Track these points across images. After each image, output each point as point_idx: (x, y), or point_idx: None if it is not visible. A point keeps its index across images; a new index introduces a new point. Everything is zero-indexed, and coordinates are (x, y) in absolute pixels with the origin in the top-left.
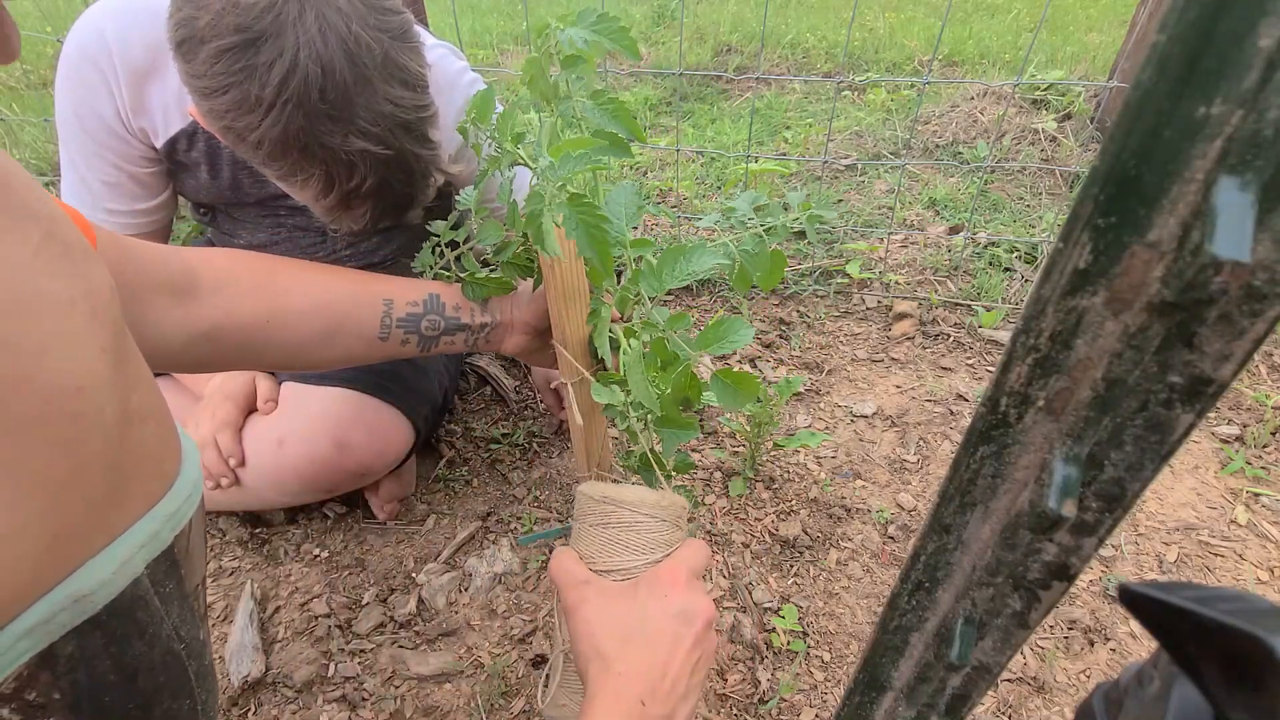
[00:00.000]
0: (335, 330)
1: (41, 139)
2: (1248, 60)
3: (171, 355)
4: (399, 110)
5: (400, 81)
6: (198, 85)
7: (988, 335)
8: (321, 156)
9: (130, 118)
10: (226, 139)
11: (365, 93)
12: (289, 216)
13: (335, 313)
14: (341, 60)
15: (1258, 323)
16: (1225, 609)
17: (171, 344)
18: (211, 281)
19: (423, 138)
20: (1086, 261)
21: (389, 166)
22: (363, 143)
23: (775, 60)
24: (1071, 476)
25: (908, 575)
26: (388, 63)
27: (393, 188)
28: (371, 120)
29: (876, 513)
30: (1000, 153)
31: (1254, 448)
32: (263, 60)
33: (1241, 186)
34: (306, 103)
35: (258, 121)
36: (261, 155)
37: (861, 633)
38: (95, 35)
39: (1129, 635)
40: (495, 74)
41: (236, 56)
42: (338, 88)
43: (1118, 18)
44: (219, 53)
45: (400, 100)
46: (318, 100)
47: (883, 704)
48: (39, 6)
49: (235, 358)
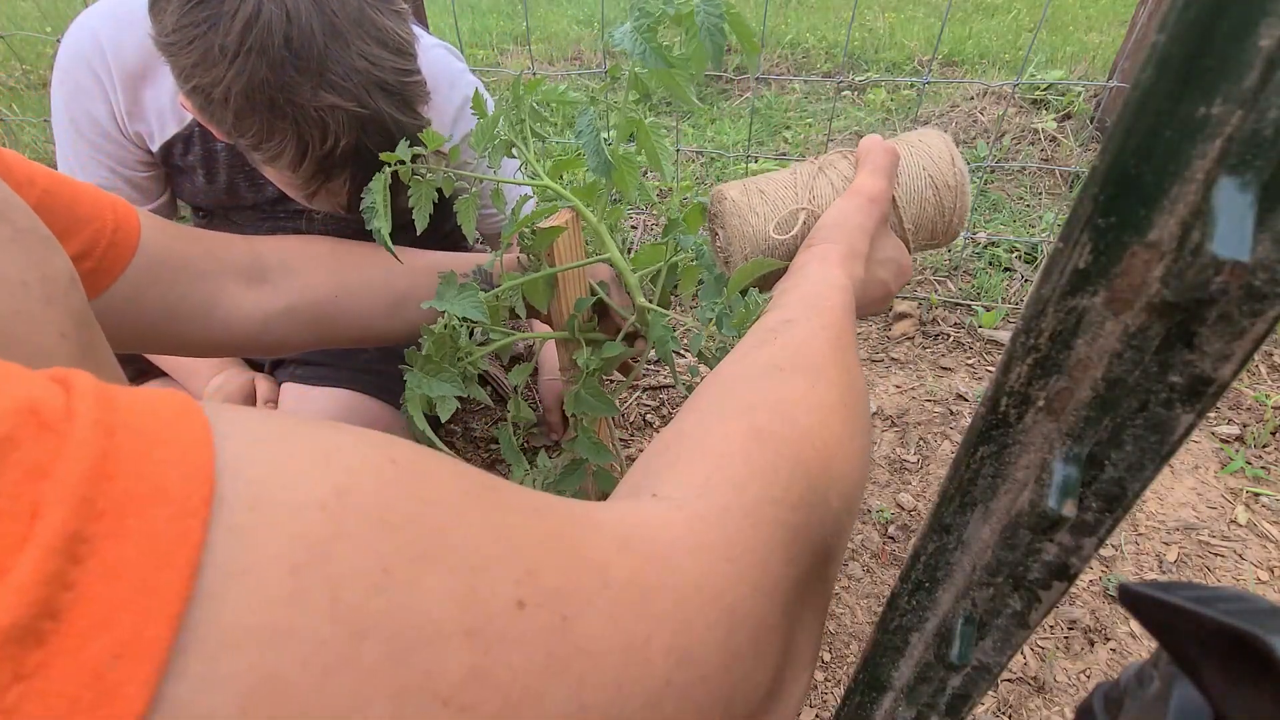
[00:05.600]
0: (400, 301)
1: (41, 139)
2: (1248, 60)
3: (251, 336)
4: (375, 69)
5: (377, 41)
6: (167, 45)
7: (988, 335)
8: (292, 114)
9: (126, 122)
10: (197, 104)
11: (336, 45)
12: (287, 220)
13: (398, 284)
14: (308, 8)
15: (1258, 323)
16: (1225, 609)
17: (250, 326)
18: (280, 264)
19: (404, 104)
20: (1086, 261)
21: (365, 128)
22: (333, 97)
23: (775, 60)
24: (1071, 476)
25: (908, 575)
26: (363, 19)
27: (372, 154)
28: (343, 75)
29: (876, 513)
30: (1000, 153)
31: (1254, 448)
32: (227, 8)
33: (1241, 186)
34: (270, 50)
35: (222, 74)
36: (230, 118)
37: (861, 633)
38: (90, 39)
39: (1129, 635)
40: (495, 74)
41: (202, 6)
42: (303, 35)
43: (1118, 18)
44: (185, 6)
45: (377, 59)
46: (282, 48)
47: (883, 704)
48: (39, 6)
49: (311, 335)
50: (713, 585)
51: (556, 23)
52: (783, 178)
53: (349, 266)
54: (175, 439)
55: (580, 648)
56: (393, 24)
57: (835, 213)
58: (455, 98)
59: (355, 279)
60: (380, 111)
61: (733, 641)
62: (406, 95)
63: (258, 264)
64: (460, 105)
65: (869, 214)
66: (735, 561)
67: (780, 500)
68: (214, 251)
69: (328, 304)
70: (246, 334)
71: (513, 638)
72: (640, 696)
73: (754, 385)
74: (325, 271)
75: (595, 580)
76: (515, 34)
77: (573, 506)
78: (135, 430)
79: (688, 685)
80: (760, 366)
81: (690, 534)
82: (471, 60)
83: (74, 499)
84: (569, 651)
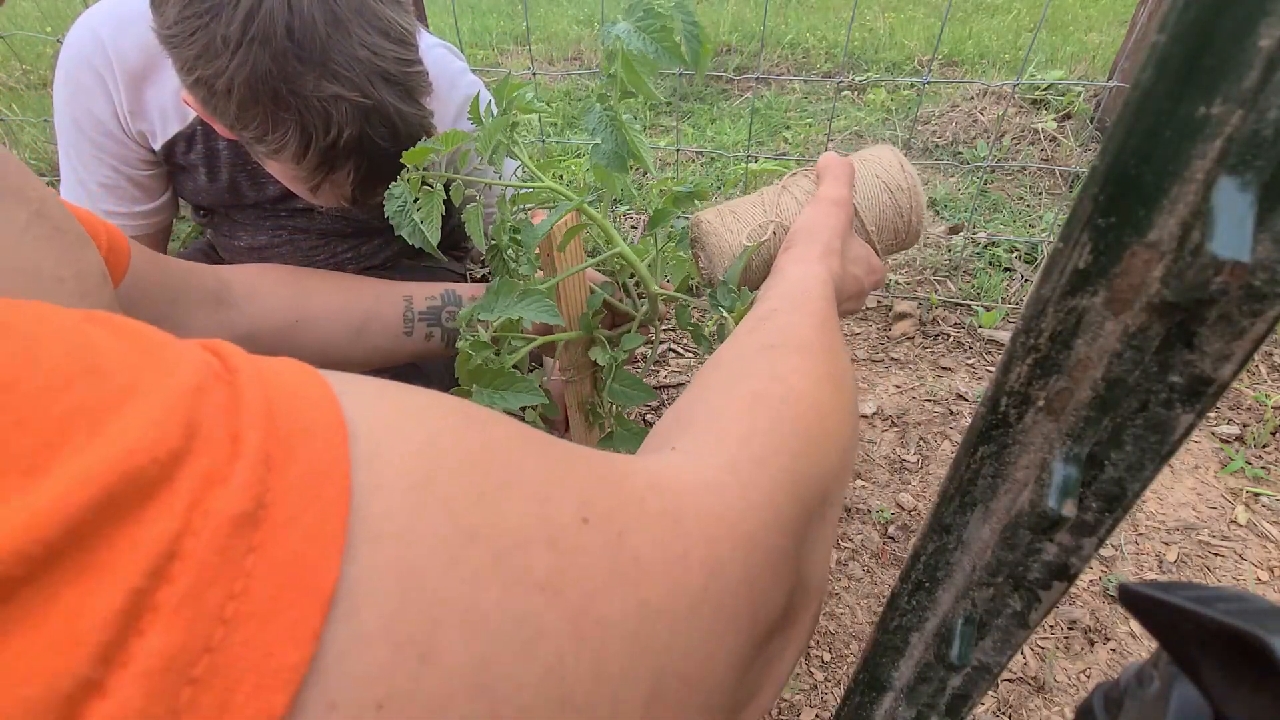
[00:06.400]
0: (361, 328)
1: (41, 139)
2: (1248, 60)
3: None
4: (377, 59)
5: (379, 30)
6: (169, 37)
7: (988, 335)
8: (295, 105)
9: (128, 120)
10: (200, 97)
11: (338, 34)
12: (289, 219)
13: (359, 311)
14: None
15: (1258, 323)
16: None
17: None
18: (244, 289)
19: (407, 94)
20: (1086, 261)
21: (368, 118)
22: (336, 87)
23: (775, 60)
24: (1071, 476)
25: (908, 575)
26: (364, 8)
27: (376, 144)
28: (345, 64)
29: (876, 513)
30: (1000, 153)
31: (1254, 448)
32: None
33: (1241, 186)
34: (273, 40)
35: (225, 65)
36: (233, 110)
37: (861, 633)
38: (91, 38)
39: (1129, 635)
40: (495, 74)
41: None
42: (306, 25)
43: (1118, 18)
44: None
45: (379, 49)
46: (284, 38)
47: (883, 704)
48: (39, 7)
49: None
50: (731, 516)
51: (556, 23)
52: (751, 199)
53: (309, 292)
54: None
55: (634, 555)
56: (394, 13)
57: (805, 219)
58: (456, 97)
59: (316, 305)
60: (384, 102)
61: (752, 562)
62: (409, 85)
63: (224, 289)
64: (461, 105)
65: (837, 216)
66: (748, 499)
67: (781, 449)
68: (185, 277)
69: (288, 329)
70: None
71: (582, 546)
72: (685, 599)
73: (750, 361)
74: (285, 297)
75: (637, 508)
76: (515, 34)
77: (607, 455)
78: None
79: (720, 594)
80: (754, 346)
81: (709, 477)
82: (471, 60)
83: (260, 430)
84: (627, 559)
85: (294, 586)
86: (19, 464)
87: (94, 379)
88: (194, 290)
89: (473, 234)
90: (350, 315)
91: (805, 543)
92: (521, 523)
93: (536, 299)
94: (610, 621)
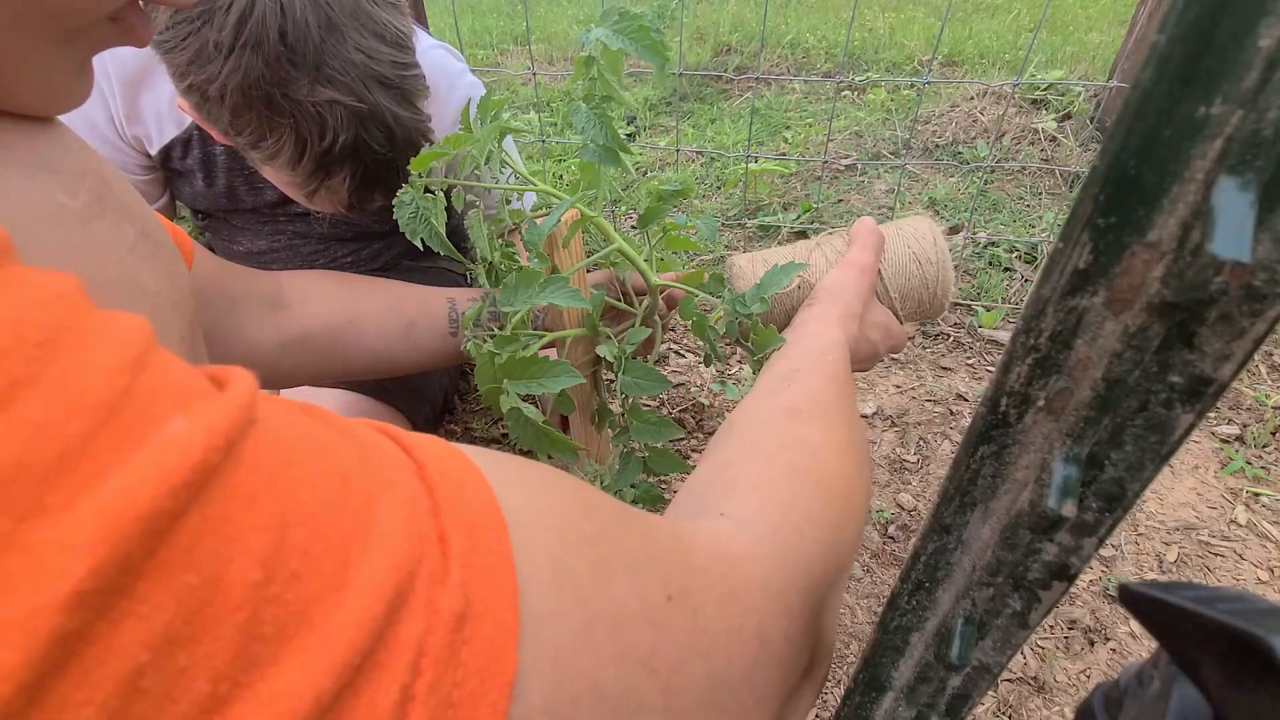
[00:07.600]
0: (410, 329)
1: None
2: (1248, 60)
3: (268, 364)
4: (372, 62)
5: (374, 34)
6: (161, 43)
7: (988, 335)
8: (289, 110)
9: (124, 126)
10: (193, 103)
11: (332, 38)
12: (288, 223)
13: (408, 312)
14: (303, 1)
15: (1258, 323)
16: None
17: (267, 352)
18: (297, 293)
19: (403, 98)
20: (1086, 261)
21: (364, 123)
22: (330, 92)
23: (775, 60)
24: (1071, 476)
25: (908, 575)
26: (359, 12)
27: (372, 149)
28: (340, 69)
29: (876, 513)
30: (1000, 153)
31: (1254, 448)
32: (220, 4)
33: (1241, 186)
34: (265, 44)
35: (218, 70)
36: (227, 116)
37: (861, 633)
38: None
39: (1129, 635)
40: (495, 74)
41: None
42: (299, 29)
43: (1118, 18)
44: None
45: (374, 52)
46: (277, 42)
47: (883, 704)
48: None
49: (324, 363)
50: (774, 586)
51: (556, 23)
52: (785, 250)
53: (360, 295)
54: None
55: (705, 630)
56: (389, 17)
57: (830, 280)
58: (455, 99)
59: (366, 307)
60: (379, 106)
61: (791, 630)
62: (405, 89)
63: (279, 293)
64: (460, 106)
65: (859, 281)
66: (788, 568)
67: (816, 522)
68: (245, 280)
69: (340, 331)
70: (265, 360)
71: (669, 622)
72: (740, 668)
73: (781, 430)
74: (337, 299)
75: (703, 581)
76: (515, 34)
77: (675, 525)
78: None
79: (767, 661)
80: (781, 410)
81: (755, 545)
82: (471, 60)
83: (461, 534)
84: (700, 633)
85: (490, 673)
86: (332, 582)
87: (350, 497)
88: (252, 293)
89: (477, 240)
90: (399, 317)
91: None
92: (626, 601)
93: (560, 284)
94: (687, 690)
